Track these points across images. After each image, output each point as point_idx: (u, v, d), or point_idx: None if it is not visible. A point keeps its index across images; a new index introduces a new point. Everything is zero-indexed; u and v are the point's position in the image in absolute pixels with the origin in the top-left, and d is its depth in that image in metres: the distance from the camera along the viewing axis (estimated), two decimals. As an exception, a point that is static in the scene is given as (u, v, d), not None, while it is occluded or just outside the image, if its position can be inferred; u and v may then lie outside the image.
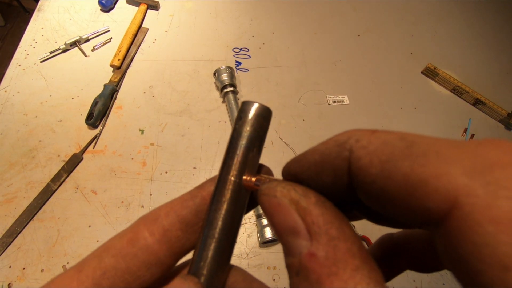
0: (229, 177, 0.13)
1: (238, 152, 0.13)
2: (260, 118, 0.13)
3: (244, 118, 0.13)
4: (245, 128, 0.13)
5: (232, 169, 0.13)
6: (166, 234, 0.12)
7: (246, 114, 0.13)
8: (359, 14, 0.86)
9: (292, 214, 0.10)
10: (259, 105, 0.13)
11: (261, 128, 0.13)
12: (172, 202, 0.13)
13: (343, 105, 0.70)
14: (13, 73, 0.66)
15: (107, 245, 0.12)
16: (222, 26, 0.79)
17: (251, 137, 0.13)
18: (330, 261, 0.08)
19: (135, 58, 0.71)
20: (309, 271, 0.09)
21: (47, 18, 0.75)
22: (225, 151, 0.13)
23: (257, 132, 0.13)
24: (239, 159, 0.13)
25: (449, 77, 0.75)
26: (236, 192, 0.13)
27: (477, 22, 0.91)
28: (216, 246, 0.12)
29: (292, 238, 0.09)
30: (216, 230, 0.12)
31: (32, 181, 0.54)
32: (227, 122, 0.64)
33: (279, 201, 0.10)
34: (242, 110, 0.13)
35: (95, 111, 0.60)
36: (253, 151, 0.13)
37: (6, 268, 0.48)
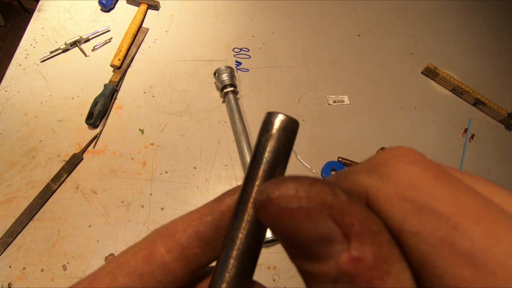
0: (253, 194, 0.12)
1: (264, 168, 0.12)
2: (287, 131, 0.12)
3: (270, 131, 0.12)
4: (271, 142, 0.12)
5: (257, 186, 0.12)
6: (184, 252, 0.11)
7: (272, 126, 0.12)
8: (359, 14, 0.86)
9: (326, 221, 0.08)
10: (285, 117, 0.13)
11: (288, 142, 0.13)
12: (190, 217, 0.12)
13: (343, 105, 0.70)
14: (13, 73, 0.66)
15: (120, 261, 0.11)
16: (222, 26, 0.79)
17: (278, 152, 0.12)
18: (379, 261, 0.08)
19: (135, 58, 0.71)
20: (355, 276, 0.08)
21: (47, 18, 0.75)
22: (249, 166, 0.13)
23: (284, 147, 0.12)
24: (265, 175, 0.12)
25: (449, 77, 0.75)
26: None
27: (477, 22, 0.91)
28: (238, 267, 0.11)
29: (324, 246, 0.08)
30: (239, 251, 0.11)
31: (32, 181, 0.54)
32: (227, 122, 0.64)
33: (308, 210, 0.08)
34: (268, 122, 0.13)
35: (95, 111, 0.60)
36: (279, 167, 0.12)
37: (6, 268, 0.48)
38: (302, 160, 0.61)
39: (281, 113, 0.13)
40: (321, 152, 0.63)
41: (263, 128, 0.13)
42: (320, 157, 0.62)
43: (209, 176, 0.58)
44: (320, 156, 0.63)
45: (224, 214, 0.12)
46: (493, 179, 0.66)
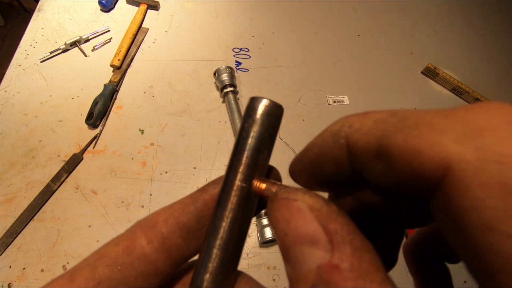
0: (237, 182, 0.11)
1: (247, 154, 0.12)
2: (271, 116, 0.12)
3: (253, 116, 0.12)
4: (254, 128, 0.12)
5: (240, 173, 0.12)
6: (165, 242, 0.11)
7: (255, 111, 0.12)
8: (359, 14, 0.86)
9: (313, 220, 0.09)
10: (269, 102, 0.12)
11: (272, 127, 0.12)
12: (172, 207, 0.12)
13: (343, 105, 0.70)
14: (13, 73, 0.66)
15: (101, 252, 0.11)
16: (222, 26, 0.79)
17: (262, 137, 0.12)
18: (355, 274, 0.08)
19: (135, 58, 0.71)
20: (330, 283, 0.08)
21: (47, 18, 0.75)
22: (232, 153, 0.12)
23: (268, 132, 0.12)
24: (248, 162, 0.12)
25: (449, 77, 0.75)
26: (244, 198, 0.12)
27: (477, 22, 0.91)
28: (222, 257, 0.11)
29: (309, 247, 0.09)
30: (222, 240, 0.11)
31: (32, 181, 0.54)
32: (227, 122, 0.64)
33: (300, 206, 0.09)
34: (251, 107, 0.12)
35: (95, 111, 0.60)
36: (263, 153, 0.12)
37: (6, 268, 0.48)
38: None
39: (265, 98, 0.12)
40: (321, 152, 0.63)
41: (246, 113, 0.12)
42: (320, 157, 0.62)
43: (209, 176, 0.58)
44: (320, 156, 0.63)
45: (207, 204, 0.12)
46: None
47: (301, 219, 0.09)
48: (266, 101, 0.12)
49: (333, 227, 0.09)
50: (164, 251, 0.11)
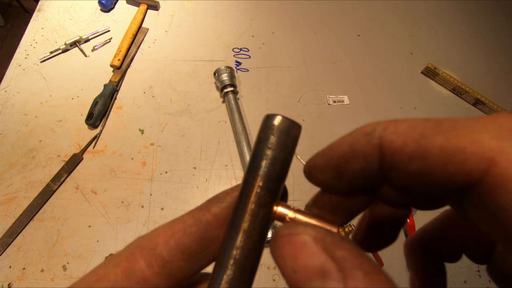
0: (251, 207, 0.11)
1: (261, 180, 0.11)
2: (289, 138, 0.11)
3: (267, 136, 0.11)
4: (269, 152, 0.11)
5: (255, 197, 0.11)
6: (166, 265, 0.11)
7: (270, 132, 0.11)
8: (359, 14, 0.86)
9: (320, 252, 0.09)
10: (286, 121, 0.11)
11: (289, 151, 0.11)
12: (172, 227, 0.11)
13: (343, 105, 0.70)
14: (13, 73, 0.66)
15: (99, 273, 0.11)
16: (222, 26, 0.79)
17: (276, 163, 0.11)
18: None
19: (135, 58, 0.71)
20: None
21: (47, 18, 0.75)
22: (246, 173, 0.11)
23: (284, 155, 0.11)
24: (262, 186, 0.11)
25: (449, 77, 0.75)
26: (264, 225, 0.11)
27: (477, 22, 0.91)
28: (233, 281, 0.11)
29: (321, 281, 0.08)
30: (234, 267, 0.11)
31: (32, 181, 0.54)
32: (227, 122, 0.64)
33: (304, 239, 0.09)
34: (266, 128, 0.11)
35: (95, 111, 0.60)
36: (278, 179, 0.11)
37: (6, 268, 0.48)
38: (302, 160, 0.61)
39: (281, 116, 0.11)
40: (321, 152, 0.63)
41: (261, 134, 0.11)
42: (320, 157, 0.62)
43: (209, 176, 0.58)
44: (320, 156, 0.63)
45: (210, 225, 0.11)
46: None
47: (308, 253, 0.09)
48: (282, 119, 0.11)
49: (341, 255, 0.09)
50: (164, 275, 0.11)
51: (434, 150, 0.09)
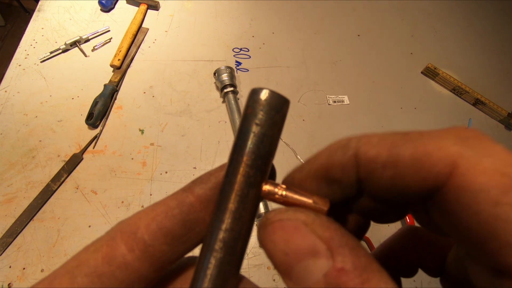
0: (237, 187, 0.11)
1: (247, 160, 0.11)
2: (278, 114, 0.11)
3: (254, 112, 0.11)
4: (255, 128, 0.11)
5: (243, 177, 0.11)
6: (148, 249, 0.10)
7: (256, 107, 0.11)
8: (359, 14, 0.86)
9: (310, 234, 0.10)
10: (272, 95, 0.11)
11: (279, 126, 0.11)
12: (154, 209, 0.11)
13: (343, 105, 0.70)
14: (13, 73, 0.66)
15: (80, 258, 0.11)
16: (222, 26, 0.79)
17: (263, 140, 0.11)
18: (360, 270, 0.09)
19: (135, 58, 0.71)
20: (340, 285, 0.09)
21: (47, 18, 0.75)
22: (232, 152, 0.11)
23: (273, 131, 0.11)
24: (249, 166, 0.11)
25: (449, 77, 0.75)
26: (252, 204, 0.11)
27: (477, 22, 0.91)
28: (221, 265, 0.10)
29: (312, 260, 0.09)
30: (221, 248, 0.11)
31: (32, 181, 0.54)
32: (227, 122, 0.64)
33: (295, 224, 0.10)
34: (252, 102, 0.11)
35: (95, 111, 0.60)
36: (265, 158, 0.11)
37: (6, 268, 0.48)
38: (302, 160, 0.61)
39: (267, 89, 0.11)
40: (321, 152, 0.63)
41: (248, 110, 0.11)
42: (320, 157, 0.62)
43: (209, 176, 0.58)
44: (320, 156, 0.63)
45: (193, 207, 0.11)
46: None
47: (300, 236, 0.10)
48: (268, 92, 0.11)
49: (329, 235, 0.09)
50: (147, 259, 0.10)
51: (405, 157, 0.10)
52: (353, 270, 0.09)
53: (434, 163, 0.09)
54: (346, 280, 0.09)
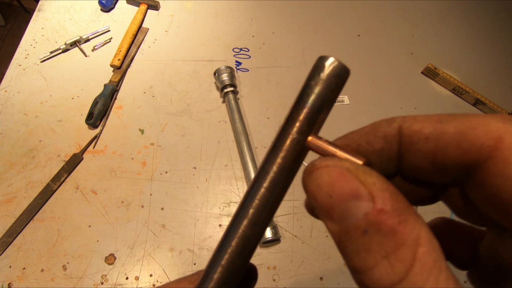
0: (293, 133, 0.12)
1: (307, 111, 0.12)
2: (337, 78, 0.12)
3: (320, 75, 0.12)
4: (319, 87, 0.12)
5: (299, 126, 0.12)
6: None
7: (322, 70, 0.12)
8: (359, 14, 0.86)
9: (354, 179, 0.10)
10: (338, 63, 0.12)
11: (337, 89, 0.13)
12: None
13: (343, 105, 0.70)
14: (13, 73, 0.66)
15: None
16: (222, 26, 0.79)
17: (325, 97, 0.12)
18: (398, 211, 0.10)
19: (135, 58, 0.71)
20: (381, 224, 0.10)
21: (47, 18, 0.75)
22: (292, 108, 0.13)
23: (331, 93, 0.12)
24: (308, 118, 0.12)
25: (449, 77, 0.75)
26: (298, 150, 0.12)
27: (477, 22, 0.91)
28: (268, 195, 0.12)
29: (354, 202, 0.10)
30: (271, 179, 0.12)
31: (32, 181, 0.55)
32: (227, 122, 0.64)
33: (341, 170, 0.11)
34: (319, 67, 0.13)
35: (95, 111, 0.60)
36: (323, 113, 0.13)
37: (6, 268, 0.48)
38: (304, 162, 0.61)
39: (333, 58, 0.12)
40: (321, 152, 0.63)
41: (314, 71, 0.13)
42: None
43: (209, 176, 0.58)
44: (320, 156, 0.63)
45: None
46: (493, 179, 0.66)
47: (345, 181, 0.11)
48: (335, 61, 0.12)
49: (371, 181, 0.10)
50: None
51: (449, 130, 0.10)
52: (391, 211, 0.10)
53: (478, 136, 0.10)
54: (385, 219, 0.09)
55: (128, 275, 0.48)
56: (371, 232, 0.10)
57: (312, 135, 0.12)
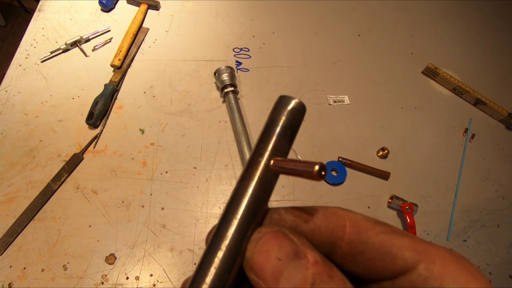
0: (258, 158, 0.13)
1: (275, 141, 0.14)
2: (297, 112, 0.14)
3: (282, 110, 0.14)
4: (283, 118, 0.14)
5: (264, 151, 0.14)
6: None
7: (282, 106, 0.14)
8: (359, 14, 0.86)
9: (291, 241, 0.12)
10: (296, 101, 0.14)
11: (296, 120, 0.14)
12: None
13: (344, 105, 0.70)
14: (13, 73, 0.66)
15: None
16: (223, 26, 0.79)
17: (287, 126, 0.14)
18: (325, 264, 0.12)
19: (136, 58, 0.71)
20: (320, 275, 0.11)
21: (48, 18, 0.75)
22: (259, 138, 0.14)
23: (292, 124, 0.14)
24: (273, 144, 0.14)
25: (449, 77, 0.75)
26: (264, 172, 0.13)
27: (477, 22, 0.91)
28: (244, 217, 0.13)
29: (297, 260, 0.12)
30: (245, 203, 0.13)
31: (32, 181, 0.55)
32: (227, 122, 0.64)
33: (282, 232, 0.13)
34: (279, 103, 0.14)
35: (96, 111, 0.60)
36: (285, 138, 0.14)
37: (7, 267, 0.48)
38: (299, 157, 0.61)
39: (293, 97, 0.14)
40: (321, 152, 0.63)
41: (276, 107, 0.14)
42: (320, 157, 0.62)
43: (209, 176, 0.58)
44: (320, 155, 0.63)
45: None
46: (493, 179, 0.66)
47: (285, 243, 0.12)
48: (293, 99, 0.14)
49: (299, 239, 0.12)
50: None
51: (318, 218, 0.14)
52: (322, 262, 0.12)
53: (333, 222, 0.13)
54: (321, 270, 0.11)
55: (128, 275, 0.48)
56: (318, 282, 0.11)
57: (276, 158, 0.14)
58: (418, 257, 0.12)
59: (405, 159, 0.65)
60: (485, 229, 0.60)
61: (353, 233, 0.13)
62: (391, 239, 0.12)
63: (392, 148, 0.65)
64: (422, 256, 0.12)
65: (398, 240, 0.12)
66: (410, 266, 0.12)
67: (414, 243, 0.12)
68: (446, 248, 0.13)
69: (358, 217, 0.13)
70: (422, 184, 0.63)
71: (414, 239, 0.13)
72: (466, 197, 0.63)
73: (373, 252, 0.12)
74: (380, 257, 0.12)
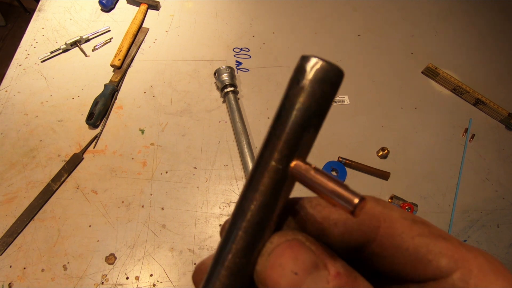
0: (272, 162, 0.10)
1: (289, 130, 0.09)
2: (324, 84, 0.09)
3: (301, 82, 0.09)
4: (301, 98, 0.09)
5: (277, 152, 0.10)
6: None
7: (304, 76, 0.09)
8: (359, 14, 0.86)
9: (309, 251, 0.11)
10: (324, 64, 0.09)
11: (325, 98, 0.09)
12: None
13: (344, 105, 0.70)
14: (13, 73, 0.66)
15: None
16: (223, 26, 0.79)
17: (309, 111, 0.09)
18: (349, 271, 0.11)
19: (136, 58, 0.71)
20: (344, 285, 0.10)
21: (48, 18, 0.75)
22: (271, 126, 0.10)
23: (318, 104, 0.09)
24: (289, 139, 0.09)
25: (449, 77, 0.75)
26: (278, 181, 0.10)
27: (477, 22, 0.91)
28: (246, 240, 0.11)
29: (316, 273, 0.11)
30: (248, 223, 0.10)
31: (32, 181, 0.55)
32: (227, 122, 0.64)
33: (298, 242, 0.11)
34: (301, 70, 0.10)
35: (96, 111, 0.60)
36: (308, 131, 0.10)
37: (7, 267, 0.48)
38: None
39: (318, 58, 0.09)
40: (321, 152, 0.63)
41: (294, 77, 0.10)
42: (320, 157, 0.62)
43: (209, 176, 0.58)
44: (320, 155, 0.63)
45: None
46: (493, 179, 0.66)
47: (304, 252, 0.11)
48: (319, 62, 0.09)
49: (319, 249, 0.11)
50: None
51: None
52: (345, 273, 0.11)
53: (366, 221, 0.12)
54: (345, 283, 0.10)
55: (128, 275, 0.48)
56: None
57: (296, 160, 0.10)
58: (454, 265, 0.11)
59: (405, 159, 0.65)
60: (485, 229, 0.60)
61: (386, 236, 0.12)
62: (428, 244, 0.11)
63: (392, 148, 0.65)
64: (459, 265, 0.11)
65: (436, 245, 0.11)
66: (444, 274, 0.11)
67: (452, 249, 0.11)
68: (484, 252, 0.12)
69: (394, 216, 0.12)
70: (422, 184, 0.63)
71: (452, 244, 0.11)
72: (466, 197, 0.63)
73: (405, 257, 0.11)
74: (412, 263, 0.11)
